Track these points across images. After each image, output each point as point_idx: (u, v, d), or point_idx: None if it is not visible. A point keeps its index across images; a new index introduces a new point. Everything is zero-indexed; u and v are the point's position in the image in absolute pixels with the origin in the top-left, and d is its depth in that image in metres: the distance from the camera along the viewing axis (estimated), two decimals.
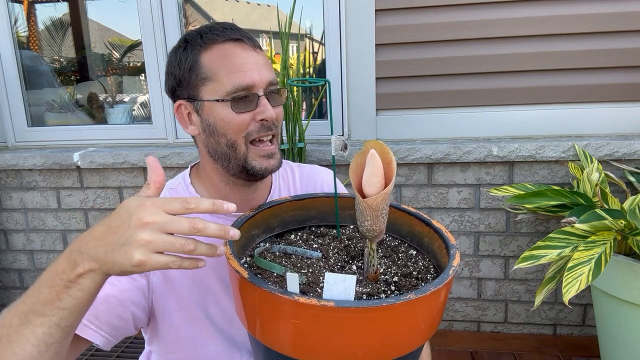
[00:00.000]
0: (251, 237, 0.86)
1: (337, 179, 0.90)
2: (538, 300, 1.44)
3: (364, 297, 0.68)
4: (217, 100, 0.86)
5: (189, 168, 1.03)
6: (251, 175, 0.91)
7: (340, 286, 0.62)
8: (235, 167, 0.90)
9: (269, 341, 0.66)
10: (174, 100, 0.95)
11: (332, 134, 0.77)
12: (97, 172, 2.14)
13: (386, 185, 0.65)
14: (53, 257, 2.29)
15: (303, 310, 0.59)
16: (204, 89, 0.88)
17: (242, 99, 0.86)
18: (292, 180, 1.08)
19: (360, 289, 0.70)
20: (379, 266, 0.75)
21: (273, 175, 1.05)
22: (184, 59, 0.89)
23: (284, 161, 1.10)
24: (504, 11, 1.85)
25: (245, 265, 0.77)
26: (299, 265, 0.76)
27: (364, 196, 0.66)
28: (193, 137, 0.97)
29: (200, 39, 0.89)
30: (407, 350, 0.65)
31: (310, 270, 0.74)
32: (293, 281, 0.63)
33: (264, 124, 0.87)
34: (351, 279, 0.62)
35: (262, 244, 0.86)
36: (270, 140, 0.91)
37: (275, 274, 0.73)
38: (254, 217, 0.86)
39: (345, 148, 0.78)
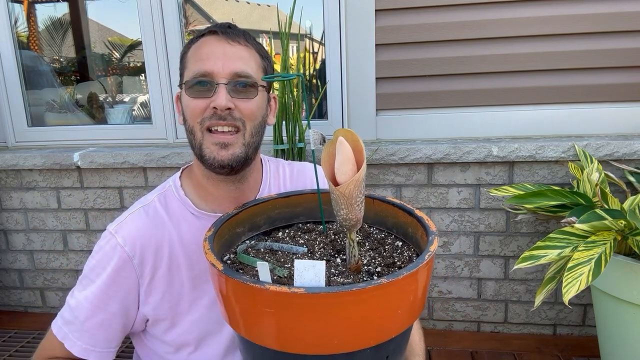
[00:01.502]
0: (236, 235, 0.86)
1: (322, 175, 0.90)
2: (538, 300, 1.44)
3: None
4: (182, 85, 0.92)
5: (180, 170, 1.03)
6: (208, 165, 0.90)
7: (310, 272, 0.62)
8: (196, 154, 0.92)
9: (248, 334, 0.66)
10: None
11: (309, 127, 0.77)
12: (97, 172, 2.14)
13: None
14: (53, 257, 2.29)
15: (274, 298, 0.60)
16: (183, 78, 0.93)
17: (197, 85, 0.88)
18: (283, 178, 1.08)
19: (342, 280, 0.70)
20: (361, 257, 0.75)
21: (263, 173, 1.05)
22: (182, 53, 0.96)
23: (274, 159, 1.11)
24: (504, 11, 1.85)
25: (228, 262, 0.78)
26: (283, 260, 0.76)
27: (337, 185, 0.66)
28: None
29: (197, 35, 0.94)
30: (386, 337, 0.64)
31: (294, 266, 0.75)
32: (264, 270, 0.64)
33: (215, 112, 0.88)
34: (320, 265, 0.62)
35: (247, 242, 0.86)
36: (235, 132, 0.89)
37: (256, 269, 0.74)
38: (237, 215, 0.86)
39: (324, 141, 0.78)
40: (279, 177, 1.07)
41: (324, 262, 0.62)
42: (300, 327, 0.61)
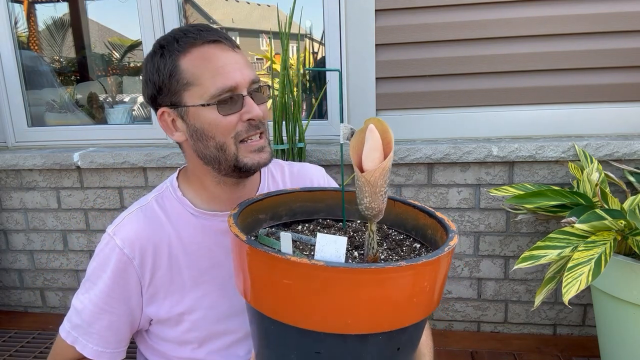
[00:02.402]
0: (258, 220, 0.87)
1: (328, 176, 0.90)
2: (538, 300, 1.44)
3: None
4: (203, 105, 0.85)
5: (177, 172, 1.02)
6: (244, 172, 0.91)
7: (331, 247, 0.63)
8: (226, 167, 0.90)
9: (260, 305, 0.67)
10: (156, 109, 0.92)
11: (341, 122, 0.77)
12: (97, 172, 2.14)
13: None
14: (53, 257, 2.29)
15: (294, 269, 0.61)
16: (186, 95, 0.86)
17: (228, 100, 0.85)
18: (282, 178, 1.08)
19: None
20: (379, 251, 0.75)
21: (262, 173, 1.05)
22: (162, 65, 0.87)
23: (274, 160, 1.11)
24: (504, 11, 1.85)
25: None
26: (301, 248, 0.77)
27: (363, 172, 0.67)
28: (179, 143, 0.96)
29: (176, 43, 0.87)
30: (400, 324, 0.65)
31: (312, 253, 0.75)
32: (286, 241, 0.65)
33: (251, 123, 0.87)
34: (342, 240, 0.63)
35: (268, 229, 0.87)
36: (260, 136, 0.91)
37: (276, 250, 0.74)
38: (261, 201, 0.87)
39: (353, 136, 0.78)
40: (277, 177, 1.07)
41: (345, 238, 0.63)
42: (316, 302, 0.62)
